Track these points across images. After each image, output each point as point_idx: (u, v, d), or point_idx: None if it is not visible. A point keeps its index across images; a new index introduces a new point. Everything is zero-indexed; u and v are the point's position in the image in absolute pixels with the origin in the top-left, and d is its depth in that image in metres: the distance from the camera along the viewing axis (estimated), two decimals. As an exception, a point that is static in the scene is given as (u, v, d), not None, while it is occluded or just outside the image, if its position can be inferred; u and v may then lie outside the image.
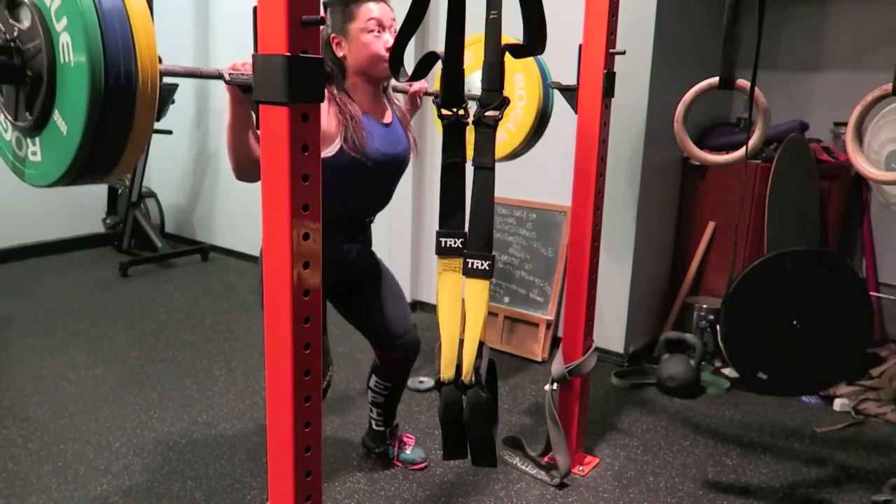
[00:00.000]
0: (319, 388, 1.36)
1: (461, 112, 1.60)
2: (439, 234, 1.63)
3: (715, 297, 3.29)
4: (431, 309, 3.84)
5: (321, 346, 1.35)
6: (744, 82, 1.99)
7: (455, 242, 1.62)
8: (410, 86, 2.06)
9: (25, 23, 1.18)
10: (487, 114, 1.60)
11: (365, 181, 1.87)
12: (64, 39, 1.13)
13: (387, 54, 1.78)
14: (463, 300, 1.63)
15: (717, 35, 1.93)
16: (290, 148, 1.19)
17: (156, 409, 2.72)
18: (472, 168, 1.63)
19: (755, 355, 2.11)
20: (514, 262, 3.48)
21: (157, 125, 4.69)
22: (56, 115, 1.19)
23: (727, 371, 3.12)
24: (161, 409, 2.72)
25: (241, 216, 4.84)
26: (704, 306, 3.17)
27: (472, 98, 1.72)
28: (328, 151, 1.76)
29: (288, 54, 1.15)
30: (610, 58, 2.11)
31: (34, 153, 1.27)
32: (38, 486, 2.19)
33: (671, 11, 2.95)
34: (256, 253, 1.97)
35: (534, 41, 1.58)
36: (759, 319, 2.11)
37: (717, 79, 2.00)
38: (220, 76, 1.35)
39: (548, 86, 2.35)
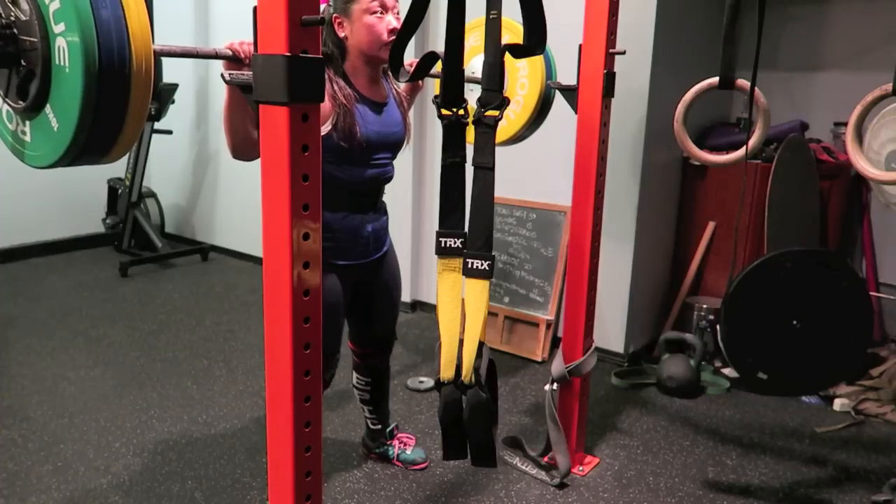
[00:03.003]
0: (319, 388, 1.36)
1: (461, 112, 1.60)
2: (439, 234, 1.63)
3: (715, 297, 3.29)
4: (431, 309, 3.84)
5: (321, 346, 1.35)
6: (744, 82, 1.99)
7: (455, 242, 1.62)
8: (411, 65, 2.05)
9: (24, 14, 1.17)
10: (487, 114, 1.60)
11: (358, 159, 1.90)
12: (60, 43, 1.13)
13: (388, 36, 1.80)
14: (463, 300, 1.63)
15: (717, 35, 1.93)
16: (289, 148, 1.19)
17: (156, 409, 2.72)
18: (472, 168, 1.63)
19: (755, 355, 2.11)
20: (514, 262, 3.48)
21: (157, 125, 4.70)
22: (48, 110, 1.19)
23: (727, 371, 3.12)
24: (161, 409, 2.72)
25: (241, 216, 4.84)
26: (704, 306, 3.17)
27: (474, 81, 1.72)
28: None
29: (288, 54, 1.15)
30: (610, 58, 2.11)
31: (24, 133, 1.27)
32: (38, 486, 2.19)
33: (671, 11, 2.95)
34: (257, 253, 1.97)
35: (534, 41, 1.58)
36: (758, 319, 2.11)
37: (717, 79, 2.00)
38: (216, 55, 1.36)
39: (552, 72, 2.35)
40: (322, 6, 1.82)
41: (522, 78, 2.34)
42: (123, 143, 1.21)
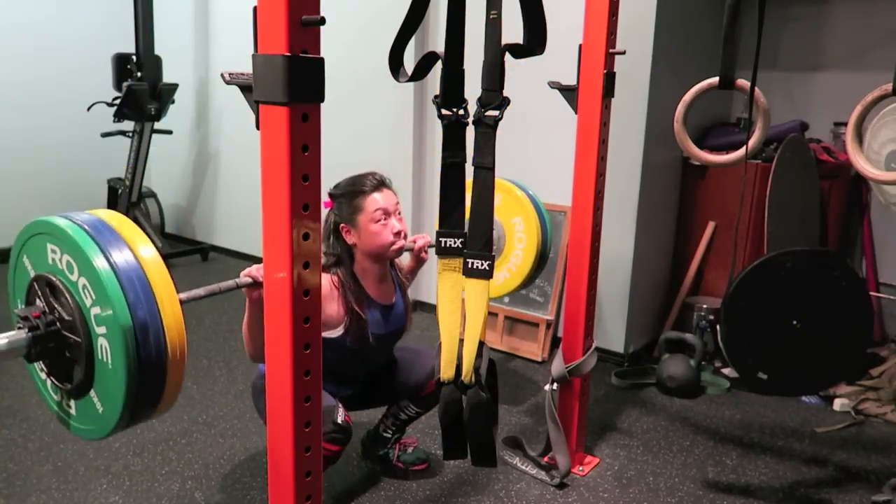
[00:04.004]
0: (319, 388, 1.36)
1: (461, 112, 1.61)
2: (439, 234, 1.63)
3: (715, 297, 3.29)
4: (431, 309, 3.83)
5: (321, 346, 1.35)
6: (744, 82, 1.99)
7: (455, 242, 1.62)
8: (415, 242, 2.14)
9: (66, 313, 1.27)
10: (487, 114, 1.60)
11: (362, 356, 2.02)
12: (102, 343, 1.23)
13: (395, 240, 1.92)
14: (463, 300, 1.63)
15: (717, 35, 1.93)
16: (290, 148, 1.19)
17: (156, 409, 2.72)
18: (472, 168, 1.63)
19: (755, 355, 2.11)
20: (514, 262, 3.48)
21: (157, 125, 4.70)
22: (93, 395, 1.29)
23: (727, 371, 3.12)
24: (161, 409, 2.72)
25: (241, 216, 4.84)
26: (704, 306, 3.17)
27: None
28: (330, 334, 1.89)
29: (288, 54, 1.15)
30: (610, 58, 2.10)
31: (69, 406, 1.37)
32: (38, 486, 2.19)
33: (671, 11, 2.95)
34: (257, 253, 1.99)
35: (534, 41, 1.58)
36: (758, 319, 2.11)
37: (717, 79, 2.00)
38: (236, 286, 1.52)
39: (546, 227, 2.50)
40: (328, 209, 1.94)
41: (519, 233, 2.50)
42: (162, 410, 1.31)
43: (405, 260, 2.21)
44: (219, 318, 3.78)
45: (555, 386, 2.26)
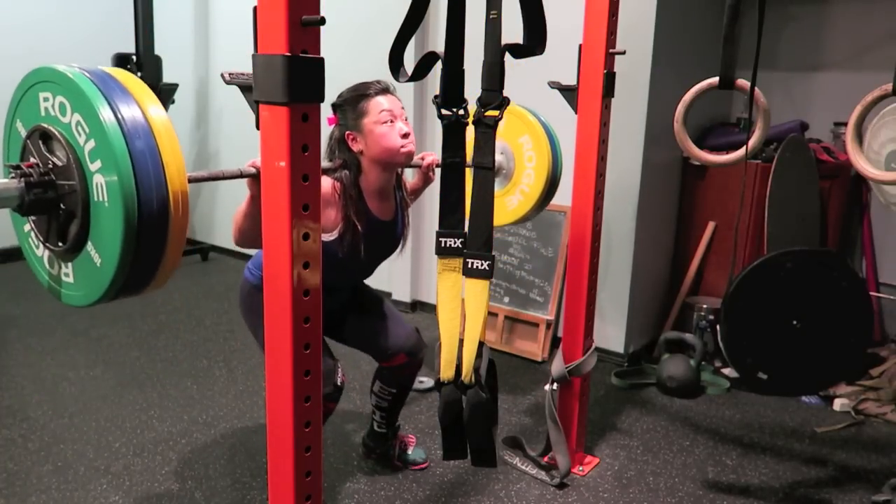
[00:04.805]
0: (319, 388, 1.36)
1: (461, 112, 1.61)
2: (439, 234, 1.63)
3: (715, 297, 3.29)
4: (431, 309, 3.83)
5: (321, 346, 1.35)
6: (744, 82, 1.99)
7: (455, 242, 1.62)
8: (423, 158, 2.11)
9: (59, 159, 1.21)
10: (487, 114, 1.60)
11: (350, 267, 1.97)
12: (98, 180, 1.16)
13: (404, 142, 1.85)
14: (463, 300, 1.63)
15: (717, 35, 1.93)
16: (289, 148, 1.19)
17: (156, 409, 2.72)
18: (472, 168, 1.63)
19: (755, 355, 2.11)
20: (514, 262, 3.48)
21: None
22: (90, 247, 1.22)
23: (727, 371, 3.12)
24: (161, 409, 2.72)
25: (241, 216, 4.83)
26: (704, 306, 3.17)
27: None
28: (323, 237, 1.83)
29: (288, 54, 1.15)
30: (610, 58, 2.11)
31: (66, 275, 1.30)
32: (38, 486, 2.19)
33: (671, 11, 2.95)
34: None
35: (534, 41, 1.58)
36: (759, 319, 2.11)
37: (717, 79, 1.99)
38: (241, 174, 1.43)
39: (555, 146, 2.37)
40: (332, 126, 1.89)
41: (528, 151, 2.37)
42: (164, 271, 1.23)
43: (411, 179, 2.16)
44: (219, 318, 3.78)
45: (555, 386, 2.26)
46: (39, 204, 1.21)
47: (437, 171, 1.88)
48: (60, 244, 1.25)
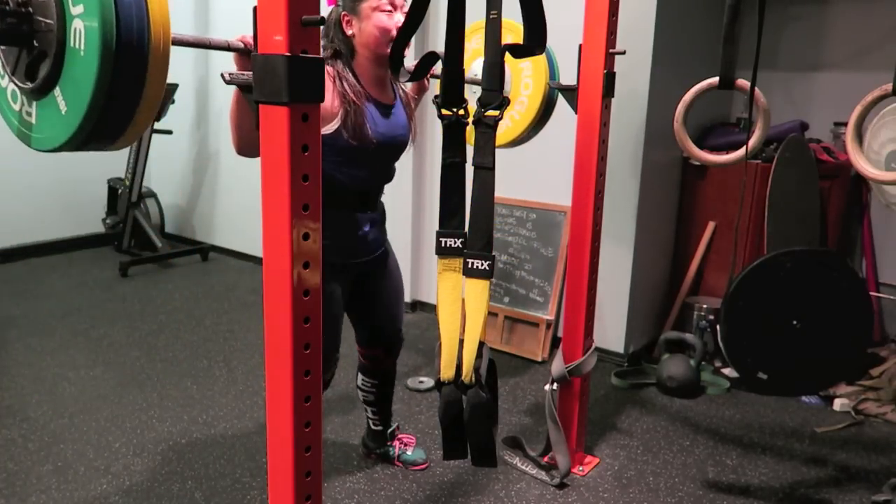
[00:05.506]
0: (319, 388, 1.36)
1: (461, 112, 1.60)
2: (439, 234, 1.63)
3: (715, 297, 3.29)
4: (431, 309, 3.84)
5: (321, 346, 1.35)
6: (744, 82, 1.99)
7: (455, 242, 1.62)
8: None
9: None
10: (487, 114, 1.60)
11: (362, 160, 1.89)
12: (77, 26, 1.08)
13: (396, 32, 1.77)
14: (463, 300, 1.63)
15: (717, 35, 1.93)
16: (290, 148, 1.19)
17: (156, 409, 2.72)
18: (472, 168, 1.63)
19: (755, 355, 2.11)
20: (514, 262, 3.48)
21: (157, 125, 4.70)
22: (57, 93, 1.15)
23: (727, 371, 3.12)
24: (161, 409, 2.72)
25: (241, 216, 4.83)
26: (704, 306, 3.17)
27: (474, 83, 1.72)
28: (325, 129, 1.76)
29: (288, 54, 1.15)
30: (610, 58, 2.10)
31: (29, 114, 1.23)
32: (38, 486, 2.19)
33: (671, 11, 2.95)
34: (257, 253, 1.97)
35: (534, 41, 1.58)
36: (759, 319, 2.11)
37: (717, 79, 2.00)
38: (228, 47, 1.32)
39: (554, 73, 2.33)
40: (331, 7, 1.83)
41: (526, 78, 2.34)
42: (134, 130, 1.15)
43: (407, 88, 2.10)
44: (219, 318, 3.78)
45: (555, 386, 2.26)
46: (11, 34, 1.14)
47: (433, 92, 1.79)
48: (29, 82, 1.18)
